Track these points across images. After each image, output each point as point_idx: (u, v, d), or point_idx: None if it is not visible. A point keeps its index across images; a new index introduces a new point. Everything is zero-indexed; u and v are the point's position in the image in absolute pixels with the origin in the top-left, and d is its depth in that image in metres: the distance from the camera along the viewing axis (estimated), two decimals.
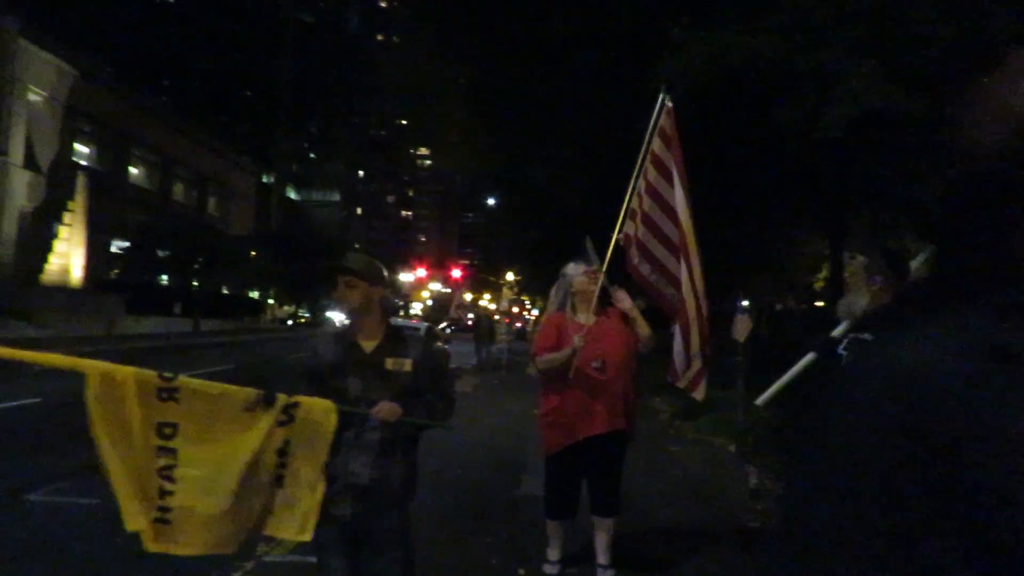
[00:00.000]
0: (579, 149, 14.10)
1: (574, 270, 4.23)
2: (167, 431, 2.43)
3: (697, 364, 4.12)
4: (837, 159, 8.99)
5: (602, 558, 4.15)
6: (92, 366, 2.36)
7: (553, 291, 4.43)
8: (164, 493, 2.43)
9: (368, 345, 2.78)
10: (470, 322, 36.73)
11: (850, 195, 11.78)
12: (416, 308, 79.05)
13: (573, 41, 11.85)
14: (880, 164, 7.81)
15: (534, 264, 29.15)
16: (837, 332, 3.17)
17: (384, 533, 2.70)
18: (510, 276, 48.53)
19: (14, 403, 9.71)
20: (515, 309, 50.97)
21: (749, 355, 7.99)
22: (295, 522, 2.57)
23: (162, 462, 2.43)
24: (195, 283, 34.11)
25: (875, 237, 15.33)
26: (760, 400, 3.44)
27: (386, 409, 2.57)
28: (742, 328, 7.68)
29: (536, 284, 36.92)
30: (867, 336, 3.35)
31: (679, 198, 4.10)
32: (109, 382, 2.35)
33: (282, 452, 2.55)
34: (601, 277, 4.15)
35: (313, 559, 2.76)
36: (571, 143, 14.30)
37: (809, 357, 3.18)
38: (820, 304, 25.14)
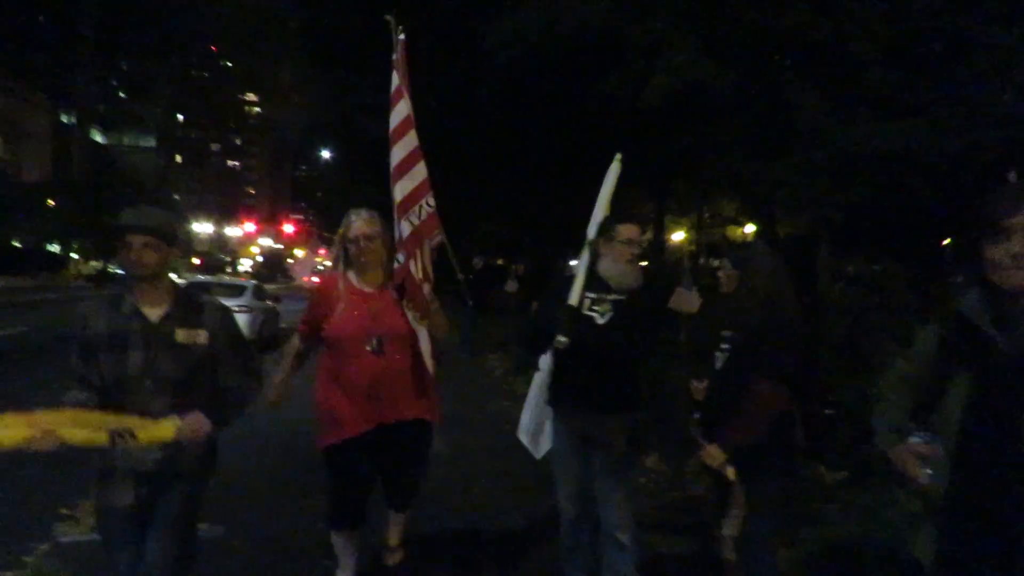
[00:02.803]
0: (417, 102, 13.81)
1: (355, 216, 3.23)
2: None
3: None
4: (659, 129, 9.52)
5: (393, 539, 3.64)
6: None
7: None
8: None
9: (153, 313, 2.38)
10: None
11: (671, 164, 12.57)
12: (245, 265, 74.80)
13: None
14: (695, 135, 8.37)
15: None
16: (573, 301, 3.23)
17: (166, 516, 2.41)
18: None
19: None
20: None
21: None
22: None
23: None
24: None
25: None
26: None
27: (188, 430, 2.21)
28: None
29: None
30: (621, 298, 3.76)
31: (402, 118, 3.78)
32: None
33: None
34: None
35: None
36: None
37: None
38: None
